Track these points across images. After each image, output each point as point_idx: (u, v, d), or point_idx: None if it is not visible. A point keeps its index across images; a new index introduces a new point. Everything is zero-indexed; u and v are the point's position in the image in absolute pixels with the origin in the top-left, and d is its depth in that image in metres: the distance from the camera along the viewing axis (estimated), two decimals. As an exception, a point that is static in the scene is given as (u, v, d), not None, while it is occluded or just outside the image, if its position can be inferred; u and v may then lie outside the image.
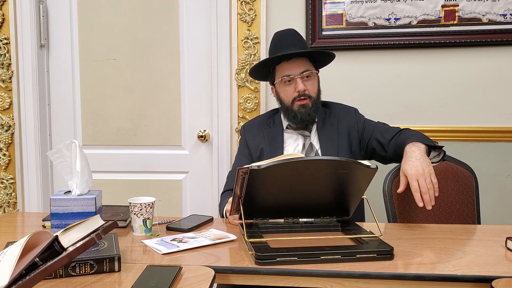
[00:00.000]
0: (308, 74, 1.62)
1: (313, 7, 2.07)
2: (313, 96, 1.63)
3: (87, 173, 1.24)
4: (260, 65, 1.70)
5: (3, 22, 2.20)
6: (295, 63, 1.62)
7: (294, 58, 1.62)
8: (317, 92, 1.66)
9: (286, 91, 1.64)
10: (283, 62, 1.63)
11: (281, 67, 1.64)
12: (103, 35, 2.27)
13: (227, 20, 2.12)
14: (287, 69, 1.62)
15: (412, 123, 2.04)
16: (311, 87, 1.63)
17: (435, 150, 1.49)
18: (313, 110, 1.63)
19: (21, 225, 1.48)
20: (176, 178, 2.31)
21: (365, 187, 1.27)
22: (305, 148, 1.64)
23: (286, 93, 1.64)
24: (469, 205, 1.66)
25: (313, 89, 1.64)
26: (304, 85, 1.61)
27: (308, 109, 1.61)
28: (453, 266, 1.03)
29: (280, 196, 1.25)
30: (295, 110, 1.62)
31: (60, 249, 0.80)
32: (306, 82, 1.62)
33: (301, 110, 1.61)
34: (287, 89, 1.64)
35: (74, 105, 2.33)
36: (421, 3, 2.03)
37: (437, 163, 1.52)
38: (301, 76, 1.61)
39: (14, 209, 2.29)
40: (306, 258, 1.05)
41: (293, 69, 1.62)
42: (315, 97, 1.64)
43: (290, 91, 1.63)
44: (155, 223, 1.37)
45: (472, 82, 2.05)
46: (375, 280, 1.00)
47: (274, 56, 1.63)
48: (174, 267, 0.98)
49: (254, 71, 1.75)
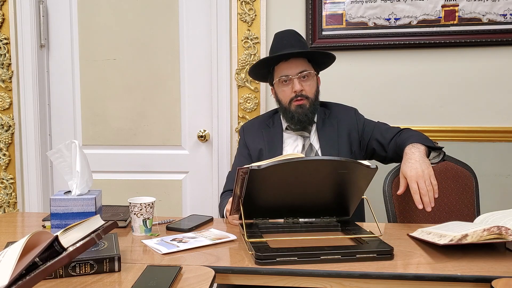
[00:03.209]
0: (306, 75, 1.62)
1: (313, 7, 2.07)
2: (311, 97, 1.62)
3: (87, 173, 1.24)
4: (259, 66, 1.70)
5: (3, 22, 2.20)
6: (293, 64, 1.62)
7: (292, 58, 1.62)
8: (315, 93, 1.65)
9: (283, 91, 1.64)
10: (282, 63, 1.63)
11: (279, 68, 1.64)
12: (103, 35, 2.27)
13: (227, 20, 2.12)
14: (285, 69, 1.63)
15: (412, 123, 2.04)
16: (309, 87, 1.62)
17: (435, 151, 1.49)
18: (310, 111, 1.62)
19: (21, 225, 1.48)
20: (176, 178, 2.31)
21: (365, 187, 1.27)
22: (304, 148, 1.64)
23: (283, 93, 1.64)
24: (469, 205, 1.66)
25: (310, 90, 1.63)
26: (301, 86, 1.60)
27: (305, 110, 1.61)
28: (453, 266, 1.03)
29: (280, 196, 1.25)
30: (292, 110, 1.62)
31: (60, 249, 0.80)
32: (303, 83, 1.61)
33: (298, 111, 1.61)
34: (284, 89, 1.64)
35: (74, 105, 2.33)
36: (421, 3, 2.03)
37: (436, 163, 1.52)
38: (298, 76, 1.61)
39: (14, 209, 2.29)
40: (306, 258, 1.05)
41: (290, 69, 1.62)
42: (313, 98, 1.63)
43: (288, 91, 1.63)
44: (155, 223, 1.37)
45: (472, 82, 2.05)
46: (375, 280, 1.00)
47: (272, 56, 1.63)
48: (174, 267, 0.98)
49: (253, 72, 1.75)
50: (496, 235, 1.06)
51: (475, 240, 1.06)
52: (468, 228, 1.10)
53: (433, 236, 1.16)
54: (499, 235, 1.06)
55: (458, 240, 1.06)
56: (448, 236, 1.09)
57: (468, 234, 1.06)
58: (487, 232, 1.06)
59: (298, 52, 1.61)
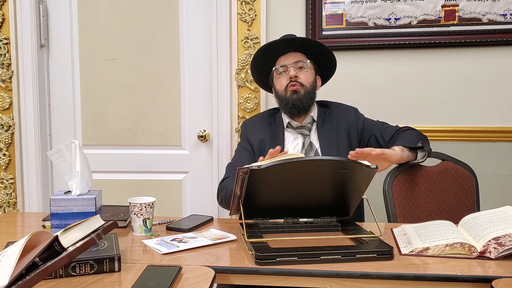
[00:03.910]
0: (302, 65, 1.64)
1: (313, 7, 2.07)
2: (306, 85, 1.64)
3: (87, 173, 1.24)
4: (259, 64, 1.73)
5: (3, 22, 2.20)
6: (291, 56, 1.66)
7: (290, 52, 1.66)
8: (311, 84, 1.66)
9: (280, 81, 1.67)
10: (280, 57, 1.68)
11: (277, 62, 1.69)
12: (103, 35, 2.27)
13: (227, 20, 2.12)
14: (282, 61, 1.67)
15: (412, 123, 2.03)
16: (304, 76, 1.64)
17: (423, 150, 1.52)
18: (305, 98, 1.62)
19: (21, 225, 1.48)
20: (176, 178, 2.31)
21: (365, 187, 1.27)
22: (304, 147, 1.64)
23: (279, 83, 1.67)
24: (469, 205, 1.66)
25: (306, 79, 1.64)
26: (296, 73, 1.63)
27: (299, 95, 1.62)
28: (453, 266, 1.03)
29: (280, 196, 1.25)
30: (288, 96, 1.63)
31: (60, 249, 0.80)
32: (299, 72, 1.64)
33: (292, 96, 1.62)
34: (281, 79, 1.67)
35: (74, 105, 2.33)
36: (421, 3, 2.03)
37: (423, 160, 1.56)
38: (294, 65, 1.64)
39: (14, 209, 2.29)
40: (306, 258, 1.05)
41: (287, 60, 1.66)
42: (308, 87, 1.64)
43: (284, 80, 1.66)
44: (155, 223, 1.37)
45: (472, 82, 2.05)
46: (375, 280, 1.00)
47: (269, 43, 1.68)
48: (174, 267, 0.98)
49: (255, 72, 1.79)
50: (459, 251, 1.08)
51: (436, 254, 1.08)
52: (434, 239, 1.12)
53: (403, 240, 1.18)
54: (462, 251, 1.08)
55: (419, 252, 1.09)
56: (411, 246, 1.12)
57: (429, 248, 1.09)
58: (450, 247, 1.08)
59: (296, 48, 1.65)
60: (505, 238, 1.07)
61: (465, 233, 1.18)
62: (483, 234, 1.12)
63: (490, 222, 1.16)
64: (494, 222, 1.15)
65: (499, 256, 1.05)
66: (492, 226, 1.14)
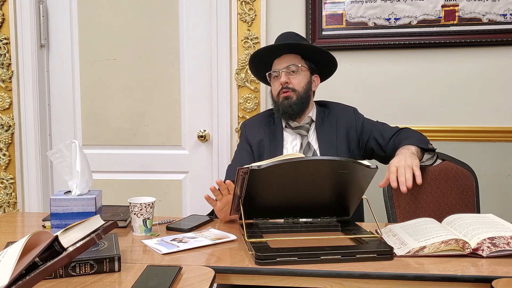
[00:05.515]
0: (294, 69, 1.63)
1: (313, 7, 2.07)
2: (298, 90, 1.63)
3: (87, 173, 1.24)
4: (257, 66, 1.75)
5: (3, 22, 2.20)
6: (284, 59, 1.66)
7: (284, 54, 1.66)
8: (304, 88, 1.64)
9: (274, 85, 1.68)
10: (275, 60, 1.68)
11: (273, 66, 1.70)
12: (103, 35, 2.27)
13: (227, 20, 2.12)
14: (276, 64, 1.67)
15: (412, 123, 2.04)
16: (296, 81, 1.63)
17: (428, 152, 1.50)
18: (296, 104, 1.62)
19: (21, 225, 1.48)
20: (176, 178, 2.31)
21: (365, 187, 1.27)
22: (302, 147, 1.64)
23: (274, 87, 1.68)
24: (469, 205, 1.66)
25: (298, 83, 1.63)
26: (287, 78, 1.62)
27: (290, 101, 1.61)
28: (453, 266, 1.03)
29: (280, 196, 1.25)
30: (279, 103, 1.64)
31: (60, 249, 0.80)
32: (290, 76, 1.63)
33: (284, 102, 1.62)
34: (275, 84, 1.68)
35: (74, 105, 2.33)
36: (421, 3, 2.03)
37: (430, 165, 1.52)
38: (286, 69, 1.63)
39: (14, 209, 2.29)
40: (306, 258, 1.05)
41: (280, 64, 1.66)
42: (301, 92, 1.63)
43: (277, 85, 1.66)
44: (155, 223, 1.37)
45: (472, 82, 2.05)
46: (375, 280, 1.00)
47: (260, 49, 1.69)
48: (174, 267, 0.98)
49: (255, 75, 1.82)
50: (453, 247, 1.08)
51: (432, 252, 1.09)
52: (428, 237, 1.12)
53: (395, 241, 1.18)
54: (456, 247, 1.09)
55: (415, 252, 1.09)
56: (407, 246, 1.11)
57: (426, 246, 1.09)
58: (445, 244, 1.08)
59: (291, 50, 1.64)
60: (500, 239, 1.10)
61: (454, 231, 1.18)
62: (476, 233, 1.14)
63: (480, 223, 1.19)
64: (485, 224, 1.18)
65: (490, 255, 1.07)
66: (483, 227, 1.16)
